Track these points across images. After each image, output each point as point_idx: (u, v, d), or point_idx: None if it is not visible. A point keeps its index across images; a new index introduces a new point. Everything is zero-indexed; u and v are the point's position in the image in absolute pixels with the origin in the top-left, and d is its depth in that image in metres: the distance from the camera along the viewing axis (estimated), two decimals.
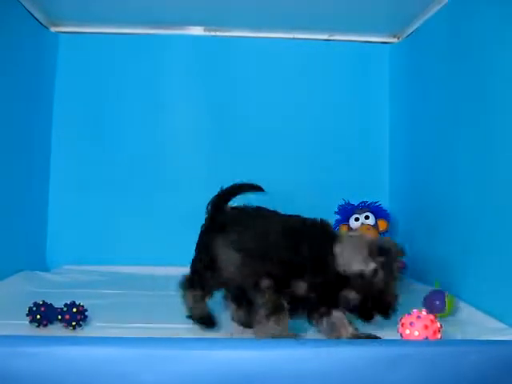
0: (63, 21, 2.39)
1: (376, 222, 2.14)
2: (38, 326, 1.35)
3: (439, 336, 1.21)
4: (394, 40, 2.49)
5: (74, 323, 1.33)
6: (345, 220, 2.17)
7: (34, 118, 2.25)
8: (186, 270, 2.23)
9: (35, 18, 2.22)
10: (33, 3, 2.15)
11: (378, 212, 2.17)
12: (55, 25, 2.40)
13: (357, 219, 2.15)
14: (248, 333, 1.37)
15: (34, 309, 1.36)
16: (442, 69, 1.98)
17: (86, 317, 1.38)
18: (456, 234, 1.83)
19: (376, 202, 2.20)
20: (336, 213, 2.20)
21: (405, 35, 2.40)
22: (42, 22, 2.30)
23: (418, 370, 1.09)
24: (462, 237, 1.77)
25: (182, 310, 1.55)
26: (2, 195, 1.94)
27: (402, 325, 1.22)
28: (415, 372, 1.08)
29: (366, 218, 2.14)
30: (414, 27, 2.27)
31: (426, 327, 1.20)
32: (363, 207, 2.16)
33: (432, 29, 2.09)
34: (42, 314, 1.35)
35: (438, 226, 2.00)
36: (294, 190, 2.42)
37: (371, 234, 2.01)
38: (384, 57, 2.52)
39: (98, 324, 1.40)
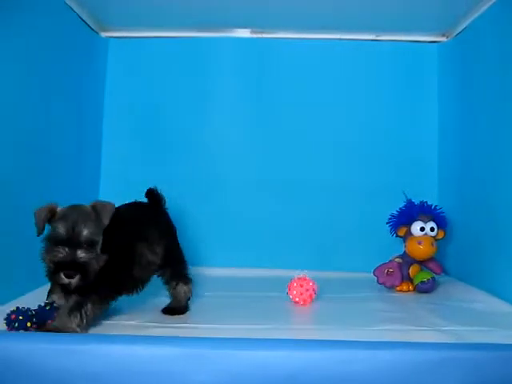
0: (113, 26, 2.44)
1: (438, 232, 2.06)
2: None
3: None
4: (443, 39, 2.45)
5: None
6: (406, 222, 2.07)
7: (85, 121, 2.31)
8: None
9: (86, 23, 2.28)
10: (84, 10, 2.21)
11: (440, 221, 2.07)
12: (105, 30, 2.46)
13: (422, 229, 2.03)
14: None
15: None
16: (494, 68, 1.93)
17: None
18: (507, 234, 1.79)
19: (439, 208, 2.10)
20: (399, 213, 2.10)
21: (454, 34, 2.35)
22: (93, 28, 2.36)
23: (460, 375, 1.07)
24: None
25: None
26: (54, 198, 1.99)
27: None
28: (457, 376, 1.07)
29: (432, 229, 2.04)
30: (464, 25, 2.22)
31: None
32: (427, 213, 2.06)
33: (483, 26, 2.05)
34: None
35: (486, 226, 1.97)
36: (342, 189, 2.42)
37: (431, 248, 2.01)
38: (433, 56, 2.48)
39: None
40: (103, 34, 2.46)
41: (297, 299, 1.72)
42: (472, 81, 2.15)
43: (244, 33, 2.48)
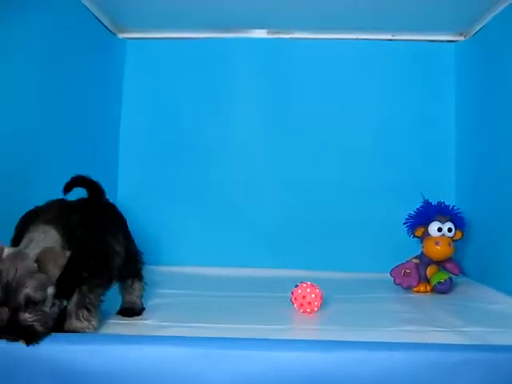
0: (130, 27, 2.47)
1: (455, 233, 2.04)
2: None
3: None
4: (461, 38, 2.43)
5: None
6: (423, 223, 2.05)
7: (102, 122, 2.34)
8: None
9: (104, 25, 2.31)
10: (101, 11, 2.23)
11: (458, 221, 2.05)
12: (122, 31, 2.48)
13: (440, 229, 2.00)
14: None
15: None
16: None
17: None
18: None
19: (457, 209, 2.06)
20: (416, 213, 2.07)
21: (472, 33, 2.33)
22: (110, 29, 2.38)
23: (478, 376, 1.06)
24: None
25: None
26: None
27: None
28: (475, 378, 1.06)
29: (449, 230, 2.01)
30: (482, 24, 2.21)
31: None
32: (445, 214, 2.03)
33: (500, 26, 2.03)
34: None
35: (504, 226, 1.95)
36: (359, 190, 2.42)
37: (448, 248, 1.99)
38: (450, 56, 2.46)
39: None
40: (120, 35, 2.48)
41: (302, 307, 1.62)
42: (490, 80, 2.13)
43: (260, 33, 2.48)
